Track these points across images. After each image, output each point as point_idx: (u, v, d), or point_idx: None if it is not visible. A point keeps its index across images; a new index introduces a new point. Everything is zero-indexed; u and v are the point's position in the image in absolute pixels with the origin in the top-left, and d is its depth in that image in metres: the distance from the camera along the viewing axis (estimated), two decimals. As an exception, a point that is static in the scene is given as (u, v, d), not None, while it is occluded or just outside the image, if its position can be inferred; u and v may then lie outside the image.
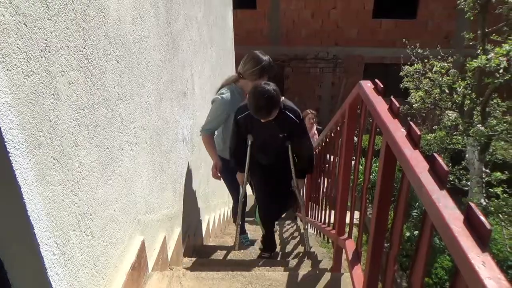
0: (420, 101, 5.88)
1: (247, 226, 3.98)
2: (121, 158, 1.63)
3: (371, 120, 1.50)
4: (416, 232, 5.59)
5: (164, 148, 2.32)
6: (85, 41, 1.28)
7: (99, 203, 1.42)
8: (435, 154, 0.92)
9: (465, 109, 5.37)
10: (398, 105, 1.22)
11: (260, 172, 3.02)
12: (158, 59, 2.15)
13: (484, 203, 5.09)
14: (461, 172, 5.91)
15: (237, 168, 3.00)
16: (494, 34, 4.99)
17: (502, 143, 5.83)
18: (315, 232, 4.04)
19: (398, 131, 1.11)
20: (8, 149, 0.91)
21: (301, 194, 3.06)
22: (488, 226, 0.72)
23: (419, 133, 1.04)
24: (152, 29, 2.03)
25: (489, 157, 5.68)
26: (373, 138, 1.56)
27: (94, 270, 1.38)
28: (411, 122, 1.08)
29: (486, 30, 5.04)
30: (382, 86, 1.44)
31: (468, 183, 5.53)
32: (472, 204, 0.76)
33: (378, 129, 1.37)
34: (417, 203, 5.84)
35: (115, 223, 1.57)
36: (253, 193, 3.28)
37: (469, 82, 5.15)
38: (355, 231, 2.19)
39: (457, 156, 6.54)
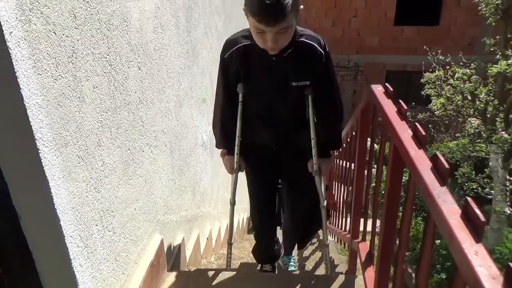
0: (441, 108, 5.82)
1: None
2: (142, 159, 1.71)
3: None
4: (438, 242, 5.51)
5: (184, 152, 2.40)
6: (109, 48, 1.37)
7: (120, 201, 1.50)
8: (438, 153, 0.96)
9: (488, 116, 5.29)
10: (405, 108, 1.26)
11: (258, 155, 2.01)
12: (178, 66, 2.24)
13: (508, 211, 4.99)
14: (485, 180, 5.80)
15: (222, 146, 2.05)
16: (516, 40, 4.93)
17: (527, 150, 5.69)
18: (334, 239, 4.04)
19: (404, 132, 1.15)
20: (38, 146, 0.99)
21: (323, 185, 1.99)
22: (482, 218, 0.75)
23: (424, 134, 1.08)
24: (173, 38, 2.12)
25: (514, 165, 5.55)
26: (384, 142, 1.60)
27: (115, 265, 1.46)
28: (416, 123, 1.12)
29: (509, 36, 4.97)
30: (392, 89, 1.48)
31: (492, 191, 5.43)
32: (469, 199, 0.79)
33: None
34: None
35: (135, 221, 1.64)
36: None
37: (491, 88, 5.08)
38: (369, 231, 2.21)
39: (481, 164, 6.42)
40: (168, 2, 2.00)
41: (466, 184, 5.88)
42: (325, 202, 1.96)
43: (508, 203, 5.04)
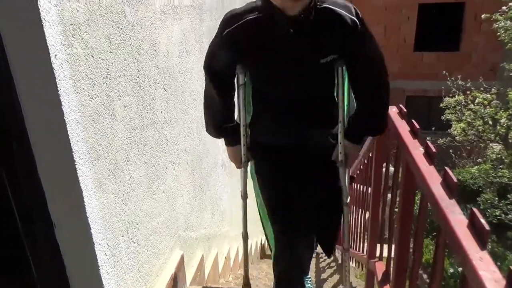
0: (462, 133, 5.80)
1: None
2: (165, 176, 1.79)
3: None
4: (460, 269, 5.39)
5: (204, 171, 2.48)
6: (138, 71, 1.48)
7: (145, 214, 1.58)
8: (447, 168, 1.00)
9: (510, 141, 5.24)
10: (418, 127, 1.32)
11: (270, 154, 1.64)
12: (201, 88, 2.35)
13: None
14: (508, 206, 5.69)
15: (222, 136, 1.73)
16: (537, 65, 4.92)
17: (552, 177, 5.58)
18: (352, 263, 4.01)
19: (416, 150, 1.20)
20: (74, 158, 1.09)
21: (347, 180, 1.63)
22: (487, 227, 0.79)
23: (434, 151, 1.13)
24: (197, 62, 2.24)
25: (538, 191, 5.45)
26: (398, 163, 1.64)
27: (138, 275, 1.53)
28: (427, 141, 1.17)
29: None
30: (405, 110, 1.54)
31: (516, 218, 5.31)
32: (475, 209, 0.84)
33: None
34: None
35: (157, 235, 1.72)
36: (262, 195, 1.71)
37: (511, 112, 5.05)
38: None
39: (504, 190, 6.30)
40: (193, 29, 2.13)
41: (488, 210, 5.78)
42: (349, 199, 1.62)
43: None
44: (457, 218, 0.86)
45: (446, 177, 1.00)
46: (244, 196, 1.85)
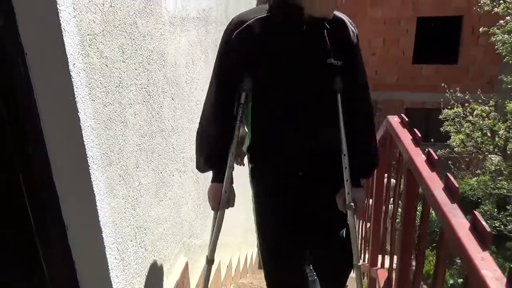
0: (461, 144, 5.85)
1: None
2: (172, 183, 1.83)
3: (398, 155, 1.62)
4: (460, 280, 5.40)
5: (208, 180, 2.50)
6: (148, 80, 1.53)
7: (152, 220, 1.61)
8: (448, 174, 1.04)
9: (508, 152, 5.29)
10: (419, 135, 1.36)
11: (276, 173, 1.62)
12: (205, 98, 2.40)
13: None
14: (507, 218, 5.72)
15: (216, 167, 1.64)
16: (535, 78, 5.00)
17: (551, 188, 5.62)
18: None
19: (418, 157, 1.24)
20: (88, 163, 1.12)
21: (355, 223, 1.52)
22: (488, 229, 0.83)
23: (436, 158, 1.17)
24: (202, 72, 2.29)
25: (537, 202, 5.48)
26: (400, 172, 1.68)
27: (145, 280, 1.55)
28: (429, 149, 1.21)
29: (527, 74, 5.05)
30: (407, 119, 1.58)
31: (515, 229, 5.34)
32: (477, 213, 0.88)
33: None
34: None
35: (164, 241, 1.74)
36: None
37: (509, 124, 5.11)
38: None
39: (503, 201, 6.33)
40: (199, 40, 2.18)
41: (488, 221, 5.80)
42: (360, 261, 1.55)
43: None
44: (459, 221, 0.90)
45: (447, 182, 1.03)
46: (210, 260, 1.59)
